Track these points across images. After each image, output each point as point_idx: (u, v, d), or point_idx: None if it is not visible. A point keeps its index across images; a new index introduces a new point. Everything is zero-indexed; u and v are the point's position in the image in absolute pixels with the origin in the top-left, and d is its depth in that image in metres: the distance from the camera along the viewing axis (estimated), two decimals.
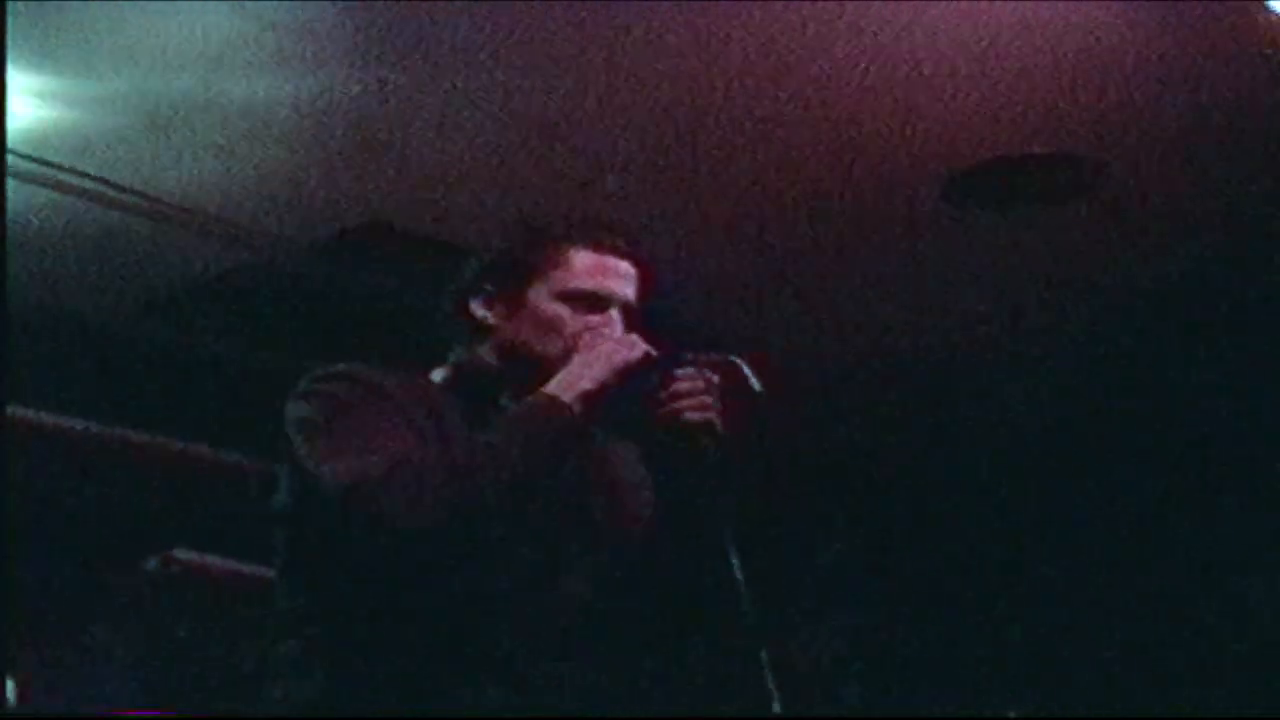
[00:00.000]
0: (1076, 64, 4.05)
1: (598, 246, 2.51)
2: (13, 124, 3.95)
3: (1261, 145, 4.39)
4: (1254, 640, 5.29)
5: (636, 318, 2.50)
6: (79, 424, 4.93)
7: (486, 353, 2.50)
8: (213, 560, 4.64)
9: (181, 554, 4.54)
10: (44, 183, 4.31)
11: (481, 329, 2.50)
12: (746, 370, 2.38)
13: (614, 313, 2.48)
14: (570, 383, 2.37)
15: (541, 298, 2.48)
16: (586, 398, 2.35)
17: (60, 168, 4.29)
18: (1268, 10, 3.82)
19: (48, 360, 4.58)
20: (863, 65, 4.04)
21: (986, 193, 4.55)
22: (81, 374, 4.87)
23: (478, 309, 2.50)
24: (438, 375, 2.52)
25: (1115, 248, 4.87)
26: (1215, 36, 3.94)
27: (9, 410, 3.58)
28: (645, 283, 2.53)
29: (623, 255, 2.52)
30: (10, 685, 4.04)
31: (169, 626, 4.33)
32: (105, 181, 4.36)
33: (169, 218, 4.57)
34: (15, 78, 3.82)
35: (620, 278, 2.51)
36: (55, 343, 4.73)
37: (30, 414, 4.67)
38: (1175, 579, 5.44)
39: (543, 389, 2.37)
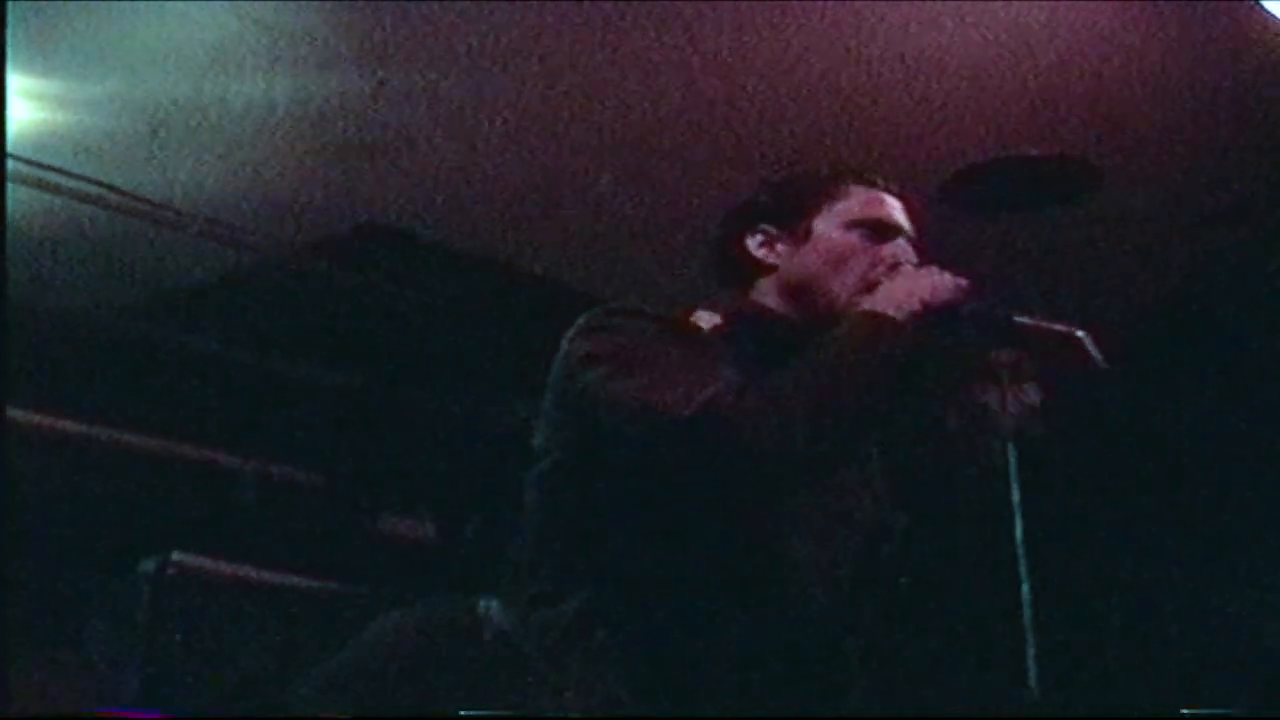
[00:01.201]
0: (1074, 66, 4.06)
1: (872, 183, 2.46)
2: (9, 127, 4.00)
3: (1259, 147, 4.41)
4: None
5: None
6: (78, 425, 4.94)
7: (766, 292, 2.42)
8: (211, 563, 4.62)
9: (180, 557, 4.51)
10: (41, 186, 4.33)
11: (761, 268, 2.43)
12: (1090, 344, 2.29)
13: (903, 241, 2.42)
14: (897, 301, 2.26)
15: (830, 227, 2.42)
16: (914, 317, 2.26)
17: (58, 170, 4.31)
18: (1264, 12, 3.83)
19: (46, 362, 4.56)
20: (861, 67, 4.04)
21: (984, 195, 4.57)
22: (80, 376, 4.87)
23: (756, 248, 2.44)
24: (704, 319, 2.40)
25: (1114, 250, 4.87)
26: (1212, 38, 3.96)
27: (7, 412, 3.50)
28: (917, 224, 2.46)
29: (892, 193, 2.47)
30: None
31: (167, 630, 4.31)
32: (103, 184, 4.38)
33: (167, 221, 4.60)
34: (12, 80, 3.87)
35: (900, 211, 2.45)
36: (54, 345, 4.69)
37: (29, 415, 4.69)
38: (1170, 586, 5.46)
39: (863, 308, 2.26)
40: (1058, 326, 2.30)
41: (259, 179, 4.46)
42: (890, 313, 2.24)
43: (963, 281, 2.30)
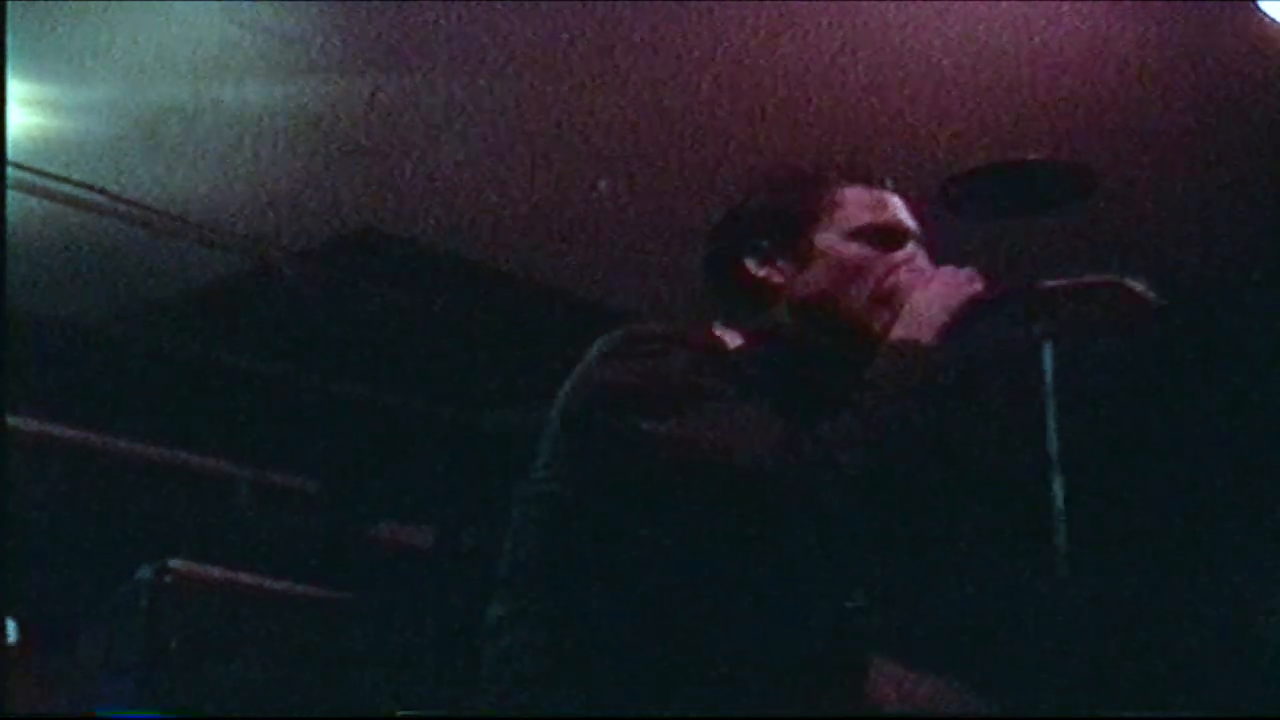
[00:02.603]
0: (1071, 70, 4.03)
1: (868, 182, 2.32)
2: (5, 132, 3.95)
3: (1259, 149, 4.38)
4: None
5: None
6: (73, 432, 4.94)
7: (782, 313, 2.28)
8: (208, 570, 4.59)
9: (177, 564, 4.47)
10: (35, 191, 4.32)
11: (767, 289, 2.29)
12: (1136, 285, 2.17)
13: (913, 246, 2.29)
14: (925, 318, 2.16)
15: (833, 242, 2.27)
16: (947, 329, 2.16)
17: (51, 175, 4.30)
18: (1261, 14, 3.81)
19: (41, 369, 4.58)
20: (857, 69, 4.02)
21: (980, 200, 4.50)
22: (74, 382, 4.88)
23: (757, 269, 2.29)
24: (727, 337, 2.29)
25: (1112, 255, 4.64)
26: (1210, 41, 3.93)
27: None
28: (919, 219, 2.33)
29: (891, 190, 2.34)
30: (12, 626, 4.02)
31: (164, 637, 4.30)
32: (98, 190, 4.38)
33: (161, 226, 4.61)
34: (8, 85, 3.84)
35: (903, 210, 2.32)
36: (49, 351, 4.74)
37: (24, 422, 4.69)
38: (1175, 592, 5.51)
39: (894, 339, 2.16)
40: (1094, 278, 2.21)
41: (255, 184, 4.46)
42: (922, 333, 2.16)
43: (975, 273, 2.21)
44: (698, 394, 2.07)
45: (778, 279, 2.28)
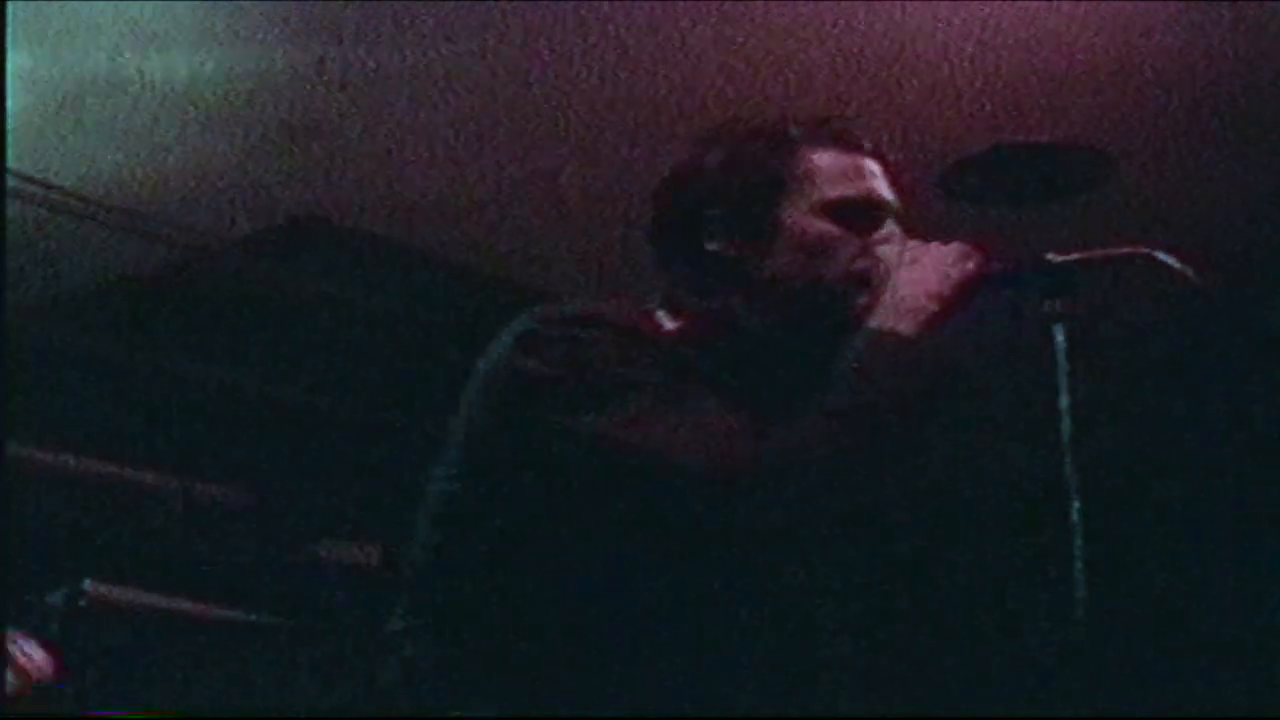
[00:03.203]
0: (1084, 44, 3.92)
1: (844, 146, 2.13)
2: None
3: None
4: None
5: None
6: None
7: (737, 292, 2.12)
8: (129, 593, 4.48)
9: (93, 587, 4.33)
10: None
11: (726, 269, 2.11)
12: (1166, 259, 2.02)
13: (892, 224, 2.12)
14: (909, 307, 2.01)
15: (799, 216, 2.10)
16: (936, 318, 2.01)
17: None
18: None
19: None
20: (853, 40, 3.88)
21: (986, 186, 4.39)
22: None
23: (715, 245, 2.12)
24: (667, 321, 2.13)
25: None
26: (1234, 16, 3.82)
27: None
28: (899, 190, 2.17)
29: (869, 154, 2.16)
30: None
31: (78, 669, 4.08)
32: (8, 171, 4.17)
33: (80, 211, 4.48)
34: None
35: (880, 179, 2.14)
36: None
37: None
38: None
39: (871, 324, 2.02)
40: (1119, 250, 2.05)
41: (184, 165, 4.35)
42: (904, 323, 2.00)
43: (970, 249, 2.06)
44: (625, 385, 1.97)
45: (733, 252, 2.12)
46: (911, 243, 2.10)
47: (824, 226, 2.09)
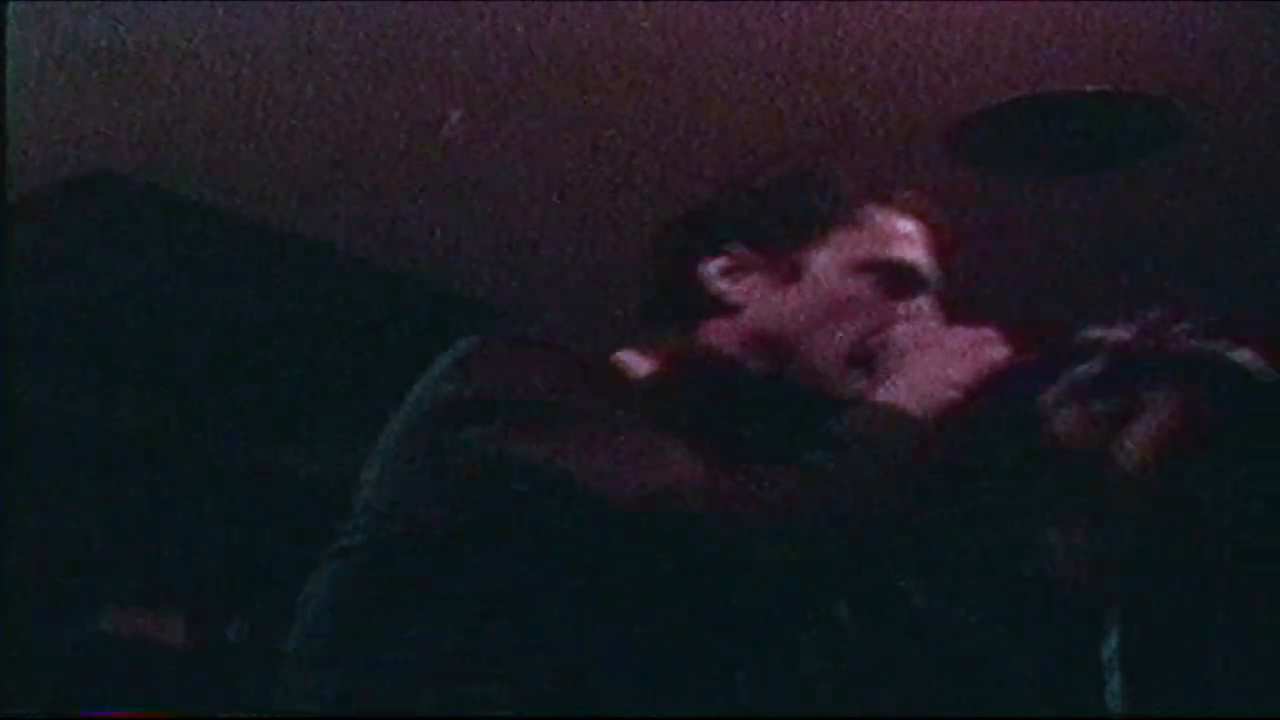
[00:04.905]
0: None
1: (903, 207, 2.13)
2: None
3: None
4: None
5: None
6: None
7: (721, 334, 2.10)
8: None
9: None
10: None
11: (717, 305, 2.10)
12: (1242, 360, 1.88)
13: (924, 301, 2.11)
14: (923, 391, 1.98)
15: (831, 266, 2.09)
16: (944, 412, 1.98)
17: None
18: None
19: None
20: None
21: (1010, 146, 3.94)
22: None
23: (715, 279, 2.09)
24: (632, 364, 2.13)
25: (1199, 222, 4.21)
26: None
27: None
28: (945, 256, 2.16)
29: (923, 216, 2.15)
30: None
31: None
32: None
33: None
34: None
35: (924, 249, 2.14)
36: None
37: None
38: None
39: (880, 399, 2.00)
40: (1180, 346, 1.92)
41: None
42: (913, 407, 1.96)
43: (994, 334, 1.99)
44: (572, 411, 1.92)
45: (737, 297, 2.09)
46: (932, 323, 2.08)
47: (854, 286, 2.09)
